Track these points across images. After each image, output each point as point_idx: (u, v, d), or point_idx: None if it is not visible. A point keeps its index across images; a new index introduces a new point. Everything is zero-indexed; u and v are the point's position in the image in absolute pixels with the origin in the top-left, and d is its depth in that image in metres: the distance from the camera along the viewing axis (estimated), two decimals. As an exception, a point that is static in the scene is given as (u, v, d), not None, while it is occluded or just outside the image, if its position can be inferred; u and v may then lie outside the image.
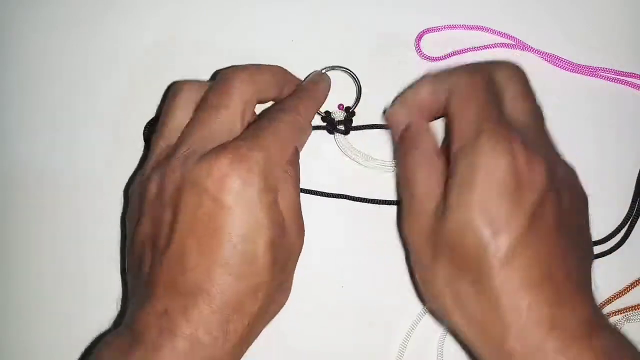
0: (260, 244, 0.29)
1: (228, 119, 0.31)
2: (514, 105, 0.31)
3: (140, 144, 0.38)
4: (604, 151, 0.38)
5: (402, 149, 0.33)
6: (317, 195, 0.37)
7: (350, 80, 0.39)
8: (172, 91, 0.34)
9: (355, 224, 0.38)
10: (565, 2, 0.40)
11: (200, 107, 0.32)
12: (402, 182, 0.33)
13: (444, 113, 0.32)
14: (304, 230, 0.33)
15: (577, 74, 0.39)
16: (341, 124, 0.38)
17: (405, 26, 0.40)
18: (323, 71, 0.38)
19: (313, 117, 0.36)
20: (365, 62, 0.39)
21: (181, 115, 0.32)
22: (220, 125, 0.31)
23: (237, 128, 0.31)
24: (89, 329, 0.35)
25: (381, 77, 0.39)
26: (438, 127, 0.34)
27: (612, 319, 0.36)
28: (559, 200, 0.29)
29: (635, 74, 0.39)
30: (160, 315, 0.28)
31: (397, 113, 0.34)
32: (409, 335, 0.36)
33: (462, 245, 0.28)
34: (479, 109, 0.29)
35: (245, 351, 0.31)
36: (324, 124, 0.38)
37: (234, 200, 0.28)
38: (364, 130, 0.38)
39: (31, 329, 0.37)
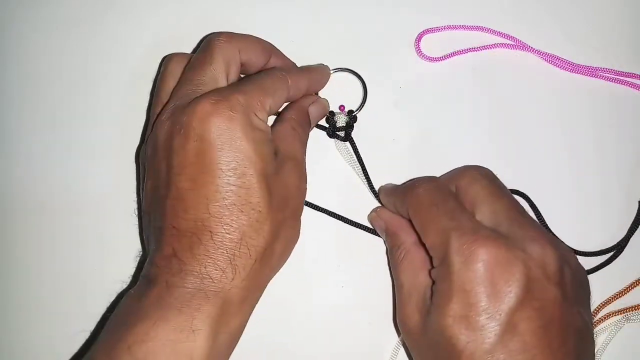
0: (252, 176, 0.30)
1: (212, 74, 0.32)
2: (483, 209, 0.31)
3: (140, 143, 0.38)
4: (604, 151, 0.38)
5: (388, 246, 0.35)
6: (311, 208, 0.38)
7: (352, 82, 0.39)
8: (164, 63, 0.35)
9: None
10: (565, 2, 0.40)
11: (187, 68, 0.34)
12: (394, 274, 0.34)
13: None
14: (304, 175, 0.34)
15: (577, 74, 0.39)
16: (342, 130, 0.38)
17: (405, 26, 0.40)
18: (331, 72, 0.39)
19: (303, 90, 0.36)
20: (365, 62, 0.39)
21: (172, 80, 0.34)
22: (204, 80, 0.32)
23: (222, 83, 0.33)
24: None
25: (381, 77, 0.39)
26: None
27: (612, 319, 0.36)
28: (545, 299, 0.28)
29: (635, 74, 0.39)
30: (170, 257, 0.29)
31: (374, 222, 0.37)
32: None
33: (439, 349, 0.29)
34: (439, 224, 0.30)
35: (259, 293, 0.32)
36: (326, 125, 0.38)
37: (219, 136, 0.29)
38: (364, 132, 0.38)
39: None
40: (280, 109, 0.36)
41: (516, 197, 0.35)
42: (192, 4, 0.41)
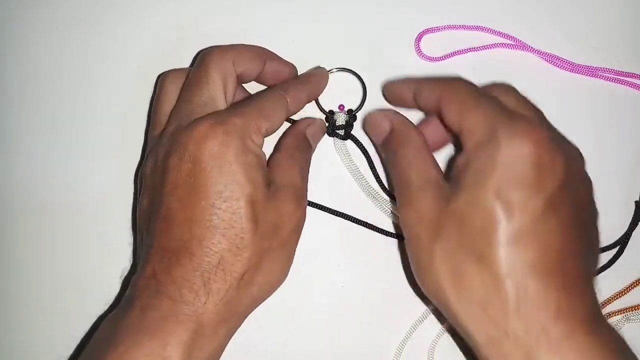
0: (239, 200, 0.30)
1: (210, 93, 0.33)
2: (517, 105, 0.31)
3: (140, 142, 0.38)
4: (604, 151, 0.38)
5: (391, 147, 0.34)
6: (312, 206, 0.38)
7: (352, 82, 0.39)
8: (159, 81, 0.36)
9: (354, 224, 0.38)
10: (565, 2, 0.40)
11: (184, 87, 0.34)
12: (397, 176, 0.33)
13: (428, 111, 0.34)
14: (302, 202, 0.33)
15: (577, 74, 0.39)
16: (342, 129, 0.38)
17: (405, 26, 0.40)
18: (332, 70, 0.39)
19: (304, 102, 0.36)
20: (365, 62, 0.39)
21: (168, 101, 0.34)
22: (203, 100, 0.32)
23: (221, 102, 0.33)
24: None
25: (381, 77, 0.39)
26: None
27: (612, 319, 0.36)
28: (576, 192, 0.29)
29: (635, 74, 0.39)
30: (149, 278, 0.29)
31: (378, 120, 0.35)
32: (408, 335, 0.36)
33: (471, 223, 0.28)
34: (486, 107, 0.30)
35: (238, 320, 0.31)
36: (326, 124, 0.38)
37: (211, 159, 0.29)
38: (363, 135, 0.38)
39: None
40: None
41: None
42: (192, 4, 0.40)
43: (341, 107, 0.38)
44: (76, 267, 0.38)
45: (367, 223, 0.37)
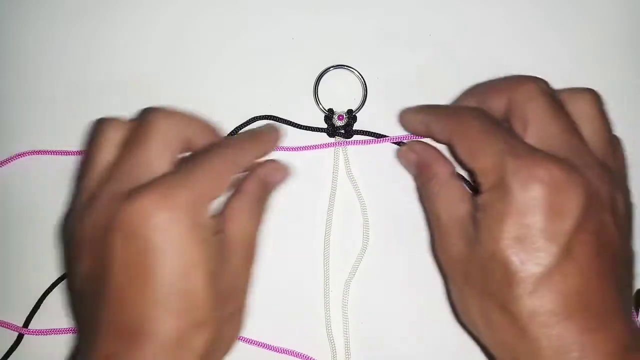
0: (197, 280, 0.28)
1: (152, 155, 0.30)
2: (539, 129, 0.30)
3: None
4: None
5: (420, 180, 0.35)
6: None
7: (352, 82, 0.39)
8: (94, 130, 0.33)
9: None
10: (565, 2, 0.40)
11: (126, 142, 0.31)
12: (427, 210, 0.34)
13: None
14: (254, 258, 0.32)
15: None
16: (342, 129, 0.38)
17: (407, 24, 0.39)
18: (329, 69, 0.38)
19: (253, 158, 0.34)
20: (366, 60, 0.39)
21: (107, 150, 0.31)
22: (144, 162, 0.30)
23: (164, 164, 0.30)
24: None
25: (381, 76, 0.39)
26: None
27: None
28: (601, 225, 0.28)
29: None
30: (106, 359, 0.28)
31: (406, 155, 0.36)
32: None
33: (492, 272, 0.28)
34: (495, 147, 0.29)
35: None
36: (325, 125, 0.38)
37: (163, 239, 0.27)
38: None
39: None
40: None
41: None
42: (192, 3, 0.40)
43: (340, 117, 0.38)
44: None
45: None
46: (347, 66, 0.39)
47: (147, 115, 0.31)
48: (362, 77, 0.39)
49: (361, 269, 0.37)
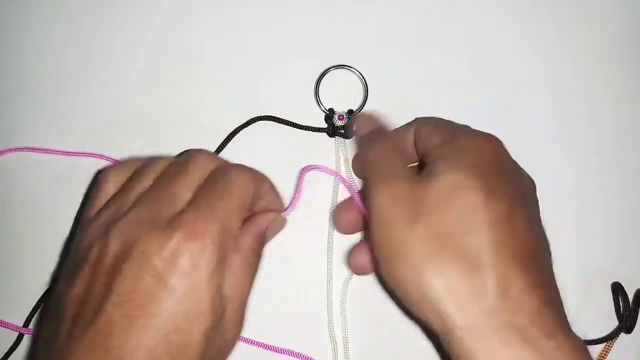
0: (194, 334, 0.26)
1: (187, 187, 0.29)
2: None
3: (140, 142, 0.38)
4: (603, 152, 0.38)
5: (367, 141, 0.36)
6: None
7: (352, 82, 0.39)
8: (101, 175, 0.32)
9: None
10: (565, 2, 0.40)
11: (160, 176, 0.30)
12: (368, 164, 0.32)
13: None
14: (244, 319, 0.30)
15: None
16: (342, 129, 0.38)
17: (407, 24, 0.39)
18: (330, 69, 0.38)
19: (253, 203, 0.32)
20: (367, 60, 0.39)
21: (114, 186, 0.30)
22: (175, 192, 0.29)
23: (188, 195, 0.29)
24: None
25: (381, 76, 0.39)
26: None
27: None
28: (533, 190, 0.32)
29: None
30: None
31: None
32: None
33: (453, 206, 0.28)
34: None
35: None
36: (325, 125, 0.38)
37: (180, 282, 0.26)
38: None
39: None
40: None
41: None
42: (192, 3, 0.40)
43: (341, 117, 0.38)
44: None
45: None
46: (347, 66, 0.39)
47: (190, 155, 0.30)
48: (362, 77, 0.39)
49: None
